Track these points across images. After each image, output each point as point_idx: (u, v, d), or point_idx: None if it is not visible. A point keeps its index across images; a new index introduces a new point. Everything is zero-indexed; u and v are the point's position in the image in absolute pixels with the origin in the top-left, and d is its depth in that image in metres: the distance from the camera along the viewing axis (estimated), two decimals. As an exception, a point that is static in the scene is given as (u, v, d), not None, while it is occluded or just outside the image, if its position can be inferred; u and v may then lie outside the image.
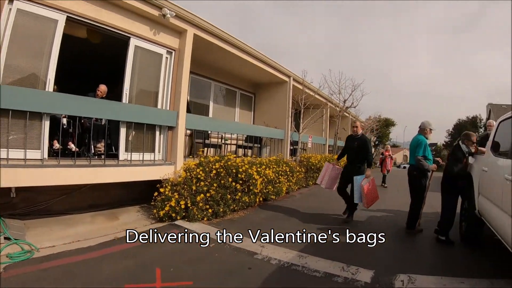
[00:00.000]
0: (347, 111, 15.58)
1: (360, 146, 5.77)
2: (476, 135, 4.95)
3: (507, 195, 3.02)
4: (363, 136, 5.99)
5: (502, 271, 3.56)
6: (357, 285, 3.18)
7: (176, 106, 6.13)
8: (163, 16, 5.55)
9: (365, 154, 5.78)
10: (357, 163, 5.82)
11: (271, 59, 9.45)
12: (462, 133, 5.07)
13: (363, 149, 5.75)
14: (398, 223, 5.74)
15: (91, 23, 4.89)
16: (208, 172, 5.75)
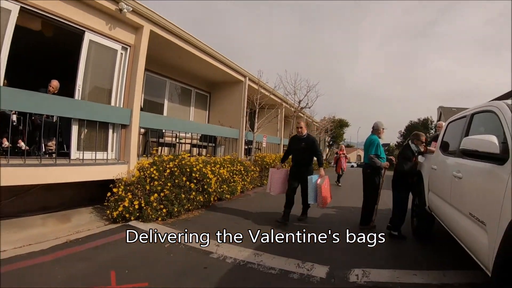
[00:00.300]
0: (302, 111, 16.08)
1: (308, 146, 5.72)
2: (425, 135, 5.34)
3: (455, 190, 3.29)
4: (310, 136, 5.96)
5: (453, 263, 3.79)
6: (313, 281, 3.31)
7: (130, 104, 6.09)
8: (120, 10, 5.50)
9: (314, 154, 5.81)
10: (305, 164, 5.76)
11: (228, 58, 9.61)
12: (412, 133, 5.42)
13: (311, 149, 5.74)
14: (352, 220, 6.00)
15: (46, 15, 4.73)
16: (162, 171, 5.78)
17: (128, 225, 4.98)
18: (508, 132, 2.41)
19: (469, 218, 2.77)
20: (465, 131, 3.49)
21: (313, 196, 5.47)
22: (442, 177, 3.85)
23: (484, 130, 3.02)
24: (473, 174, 2.89)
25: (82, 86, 5.34)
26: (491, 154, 2.37)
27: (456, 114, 4.29)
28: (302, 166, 5.74)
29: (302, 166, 5.74)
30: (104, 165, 5.51)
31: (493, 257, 2.14)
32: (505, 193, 2.09)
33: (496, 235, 2.12)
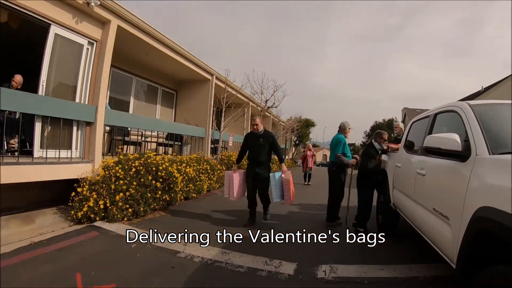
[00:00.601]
0: (268, 111, 16.29)
1: (267, 142, 5.47)
2: (387, 134, 5.62)
3: (419, 187, 3.40)
4: (267, 131, 5.66)
5: (419, 257, 3.91)
6: (281, 278, 3.36)
7: (95, 101, 5.99)
8: (87, 4, 5.42)
9: (274, 150, 5.60)
10: (264, 162, 5.51)
11: (195, 57, 9.64)
12: (375, 132, 5.61)
13: (270, 146, 5.50)
14: (318, 217, 6.16)
15: (13, 6, 4.58)
16: (128, 170, 5.74)
17: (93, 225, 4.91)
18: (470, 131, 2.53)
19: (433, 213, 2.89)
20: (428, 130, 3.62)
21: (279, 194, 5.38)
22: (406, 175, 3.98)
23: (446, 129, 3.19)
24: (436, 171, 3.02)
25: (46, 82, 5.21)
26: (454, 151, 2.46)
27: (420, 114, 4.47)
28: (260, 164, 5.47)
29: (260, 164, 5.47)
30: (68, 164, 5.40)
31: (457, 249, 2.23)
32: (467, 188, 2.19)
33: (459, 229, 2.21)
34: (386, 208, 4.95)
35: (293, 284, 3.28)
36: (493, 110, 2.86)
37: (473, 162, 2.28)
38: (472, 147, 2.38)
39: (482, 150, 2.28)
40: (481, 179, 2.11)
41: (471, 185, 2.16)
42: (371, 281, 3.31)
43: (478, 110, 2.71)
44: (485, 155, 2.23)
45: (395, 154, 4.99)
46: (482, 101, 3.14)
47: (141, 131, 8.15)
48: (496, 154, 2.19)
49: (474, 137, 2.44)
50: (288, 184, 5.31)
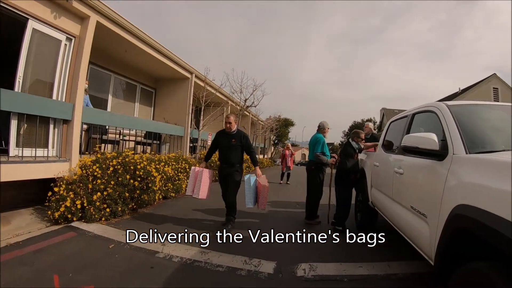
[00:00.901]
0: (247, 110, 16.37)
1: (239, 143, 5.19)
2: (364, 133, 5.76)
3: (397, 186, 3.44)
4: (240, 132, 5.35)
5: (397, 255, 3.94)
6: (261, 277, 3.36)
7: (73, 98, 5.88)
8: (66, -2, 5.30)
9: (247, 152, 5.36)
10: (236, 165, 5.21)
11: (175, 54, 9.61)
12: (352, 132, 5.71)
13: (243, 147, 5.25)
14: (297, 216, 6.22)
15: None
16: (105, 169, 5.66)
17: (70, 226, 4.82)
18: (447, 130, 2.59)
19: (411, 211, 2.93)
20: (406, 129, 3.68)
21: (253, 199, 5.07)
22: (384, 174, 4.03)
23: (424, 129, 3.21)
24: (413, 170, 3.06)
25: (22, 78, 5.08)
26: (431, 150, 2.51)
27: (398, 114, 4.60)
28: (231, 166, 5.17)
29: (231, 166, 5.17)
30: (44, 163, 5.27)
31: (435, 247, 2.26)
32: (444, 186, 2.22)
33: (437, 226, 2.24)
34: (364, 207, 5.04)
35: (273, 283, 3.29)
36: (469, 111, 2.94)
37: (450, 161, 2.33)
38: (449, 147, 2.44)
39: (459, 150, 2.33)
40: (458, 178, 2.14)
41: (449, 184, 2.20)
42: (351, 279, 3.36)
43: (455, 110, 2.78)
44: (462, 154, 2.28)
45: (373, 153, 5.12)
46: (459, 102, 3.21)
47: (119, 130, 8.03)
48: (473, 153, 2.24)
49: (451, 137, 2.50)
50: (264, 189, 5.04)
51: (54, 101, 5.67)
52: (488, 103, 3.27)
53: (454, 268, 1.99)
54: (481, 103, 3.21)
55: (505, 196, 1.57)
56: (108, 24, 6.53)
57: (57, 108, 5.61)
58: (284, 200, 8.17)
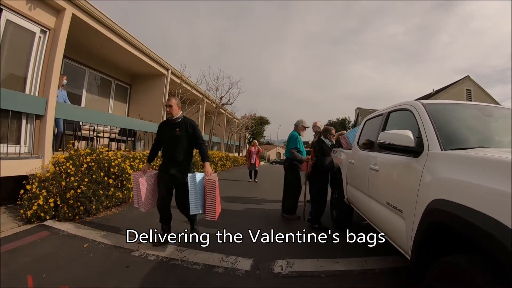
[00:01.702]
0: (223, 107, 16.32)
1: (185, 134, 4.16)
2: (335, 129, 5.86)
3: (373, 182, 3.49)
4: (187, 119, 4.29)
5: (373, 250, 3.82)
6: (238, 274, 3.37)
7: (46, 93, 5.67)
8: (42, -11, 5.10)
9: (195, 145, 4.28)
10: (183, 161, 4.20)
11: (151, 50, 9.49)
12: (323, 129, 5.74)
13: (190, 138, 4.19)
14: (272, 214, 6.27)
15: None
16: (79, 166, 5.50)
17: (43, 225, 4.67)
18: (422, 128, 2.65)
19: (386, 207, 2.97)
20: (381, 127, 3.73)
21: (200, 203, 4.05)
22: (360, 171, 4.09)
23: (398, 127, 3.16)
24: (389, 167, 3.12)
25: (-6, 71, 4.85)
26: (407, 147, 2.56)
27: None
28: (177, 164, 4.19)
29: (177, 164, 4.19)
30: (16, 160, 5.07)
31: (411, 241, 2.31)
32: (420, 182, 2.29)
33: (413, 221, 2.29)
34: (340, 204, 5.11)
35: (250, 279, 3.30)
36: (444, 109, 3.01)
37: (425, 157, 2.39)
38: (424, 143, 2.50)
39: (434, 146, 2.39)
40: (433, 173, 2.20)
41: (424, 179, 2.26)
42: (328, 275, 3.41)
43: (430, 109, 2.85)
44: (437, 150, 2.34)
45: (348, 151, 5.14)
46: (435, 101, 3.28)
47: (93, 126, 7.84)
48: (448, 150, 2.30)
49: (426, 134, 2.56)
50: (214, 191, 3.98)
51: (27, 96, 5.46)
52: (462, 102, 3.36)
53: (430, 262, 2.06)
54: (456, 102, 3.31)
55: (478, 189, 1.66)
56: (84, 17, 6.35)
57: (30, 102, 5.40)
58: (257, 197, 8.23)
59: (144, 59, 9.48)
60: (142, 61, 9.51)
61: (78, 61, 8.78)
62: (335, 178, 5.49)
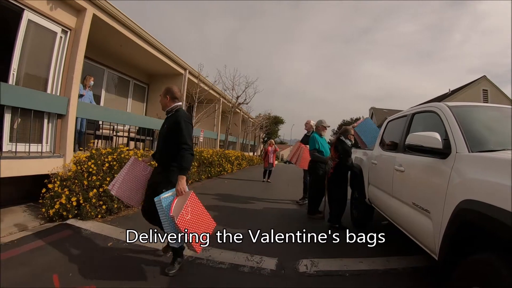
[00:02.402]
0: (239, 107, 16.26)
1: (170, 131, 3.27)
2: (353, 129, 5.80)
3: (397, 183, 3.51)
4: (179, 112, 3.30)
5: (395, 250, 4.02)
6: (264, 273, 3.36)
7: (68, 92, 5.67)
8: (63, -11, 5.09)
9: (176, 144, 3.17)
10: (165, 164, 3.30)
11: (170, 50, 9.47)
12: (341, 130, 5.61)
13: (172, 135, 3.23)
14: (293, 214, 6.26)
15: None
16: (101, 165, 5.48)
17: (66, 223, 4.66)
18: (450, 130, 2.69)
19: (412, 207, 3.01)
20: (406, 129, 3.76)
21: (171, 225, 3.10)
22: (383, 171, 4.09)
23: (423, 129, 3.26)
24: (416, 168, 3.14)
25: (17, 71, 4.87)
26: (435, 149, 2.58)
27: (386, 114, 4.74)
28: (160, 166, 3.42)
29: (160, 166, 3.44)
30: (38, 159, 5.08)
31: (439, 241, 2.34)
32: (448, 183, 2.31)
33: (441, 221, 2.32)
34: (360, 204, 5.11)
35: (276, 279, 3.29)
36: (469, 112, 3.02)
37: (453, 159, 2.41)
38: (452, 145, 2.52)
39: (462, 148, 2.42)
40: (462, 175, 2.22)
41: (453, 180, 2.28)
42: (352, 274, 3.41)
43: (456, 111, 2.87)
44: (464, 152, 2.37)
45: (370, 151, 5.09)
46: (459, 103, 3.28)
47: (113, 125, 7.85)
48: (475, 152, 2.33)
49: (454, 136, 2.59)
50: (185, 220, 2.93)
51: (49, 95, 5.46)
52: (485, 105, 3.39)
53: (457, 261, 2.07)
54: (479, 104, 3.36)
55: (507, 190, 1.68)
56: (104, 18, 6.34)
57: (52, 102, 5.40)
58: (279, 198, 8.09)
59: (163, 58, 9.47)
60: (160, 60, 9.50)
61: (97, 60, 8.81)
62: (356, 178, 5.47)
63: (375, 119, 33.54)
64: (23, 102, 4.81)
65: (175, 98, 3.39)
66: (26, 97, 4.85)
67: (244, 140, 23.86)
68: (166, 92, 3.39)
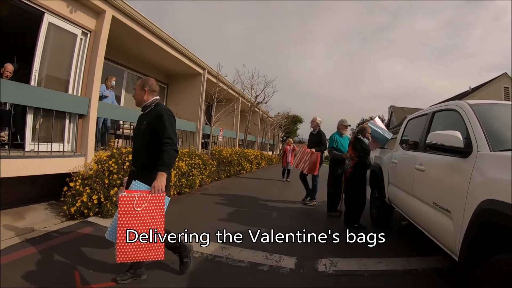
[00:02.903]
0: (258, 106, 16.22)
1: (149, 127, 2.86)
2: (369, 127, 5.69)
3: (418, 182, 3.47)
4: (158, 107, 2.95)
5: (415, 250, 4.01)
6: (283, 272, 3.34)
7: (88, 93, 5.77)
8: (82, -8, 5.17)
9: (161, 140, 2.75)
10: (147, 165, 2.82)
11: (188, 50, 9.50)
12: (359, 129, 5.55)
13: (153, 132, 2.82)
14: (312, 213, 6.26)
15: None
16: (121, 164, 5.56)
17: (87, 221, 4.74)
18: (471, 129, 2.63)
19: (433, 207, 2.96)
20: (426, 127, 3.70)
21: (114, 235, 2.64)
22: (404, 170, 4.04)
23: (443, 127, 3.21)
24: (436, 167, 3.09)
25: (38, 72, 4.98)
26: (456, 148, 2.53)
27: (406, 112, 4.63)
28: (137, 169, 2.96)
29: (136, 169, 2.97)
30: (60, 158, 5.18)
31: (460, 241, 2.29)
32: (469, 182, 2.26)
33: (462, 221, 2.28)
34: (380, 203, 5.04)
35: (295, 278, 3.27)
36: (491, 110, 2.96)
37: (474, 158, 2.36)
38: (473, 144, 2.47)
39: (483, 147, 2.37)
40: (484, 174, 2.18)
41: (474, 180, 2.23)
42: (371, 274, 3.36)
43: (477, 109, 2.81)
44: (486, 151, 2.32)
45: (390, 150, 5.04)
46: (480, 101, 3.20)
47: (133, 125, 7.92)
48: (497, 151, 2.27)
49: (475, 135, 2.54)
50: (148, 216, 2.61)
51: (70, 96, 5.57)
52: (508, 103, 3.27)
53: (478, 262, 2.01)
54: (500, 102, 3.31)
55: None
56: (123, 19, 6.41)
57: (73, 102, 5.51)
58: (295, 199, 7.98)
59: (182, 59, 9.51)
60: (179, 61, 9.55)
61: (117, 61, 8.95)
62: (375, 178, 5.40)
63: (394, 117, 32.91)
64: (45, 103, 4.91)
65: (153, 91, 3.03)
66: (47, 98, 4.94)
67: (263, 139, 23.85)
68: (143, 85, 2.99)
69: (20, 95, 4.55)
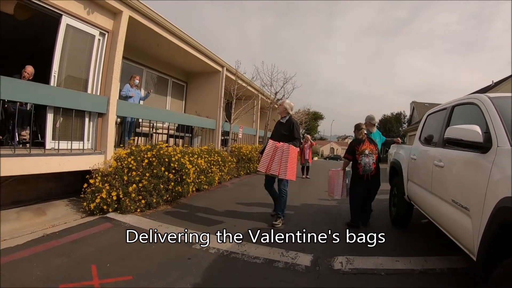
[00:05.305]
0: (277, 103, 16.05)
1: None
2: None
3: (437, 179, 3.38)
4: None
5: (433, 249, 3.93)
6: (298, 269, 3.35)
7: (107, 92, 5.87)
8: (99, -6, 5.25)
9: None
10: None
11: (206, 48, 9.48)
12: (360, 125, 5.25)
13: None
14: (331, 210, 6.21)
15: None
16: (140, 161, 5.62)
17: (106, 217, 4.84)
18: (491, 123, 2.52)
19: (452, 205, 2.86)
20: (446, 122, 3.60)
21: None
22: (423, 167, 3.95)
23: (463, 122, 3.10)
24: (455, 163, 2.98)
25: (58, 72, 5.10)
26: (475, 143, 2.45)
27: (428, 109, 4.45)
28: None
29: None
30: (80, 155, 5.30)
31: (478, 241, 2.22)
32: (489, 179, 2.17)
33: (481, 220, 2.20)
34: (400, 201, 4.89)
35: (310, 275, 3.24)
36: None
37: (494, 153, 2.27)
38: (493, 139, 2.38)
39: (503, 142, 2.27)
40: (503, 170, 2.09)
41: (493, 176, 2.15)
42: (388, 273, 3.30)
43: (497, 103, 2.69)
44: (506, 146, 2.22)
45: (409, 146, 4.99)
46: (501, 94, 3.06)
47: (153, 123, 8.03)
48: None
49: (495, 129, 2.44)
50: None
51: (89, 95, 5.68)
52: None
53: (497, 262, 1.96)
54: None
55: None
56: (140, 19, 6.46)
57: (93, 101, 5.62)
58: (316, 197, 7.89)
59: (200, 57, 9.51)
60: (197, 59, 9.55)
61: (135, 61, 9.05)
62: (394, 174, 5.25)
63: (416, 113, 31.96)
64: (65, 102, 5.03)
65: None
66: (67, 98, 5.06)
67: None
68: None
69: (40, 95, 4.67)
